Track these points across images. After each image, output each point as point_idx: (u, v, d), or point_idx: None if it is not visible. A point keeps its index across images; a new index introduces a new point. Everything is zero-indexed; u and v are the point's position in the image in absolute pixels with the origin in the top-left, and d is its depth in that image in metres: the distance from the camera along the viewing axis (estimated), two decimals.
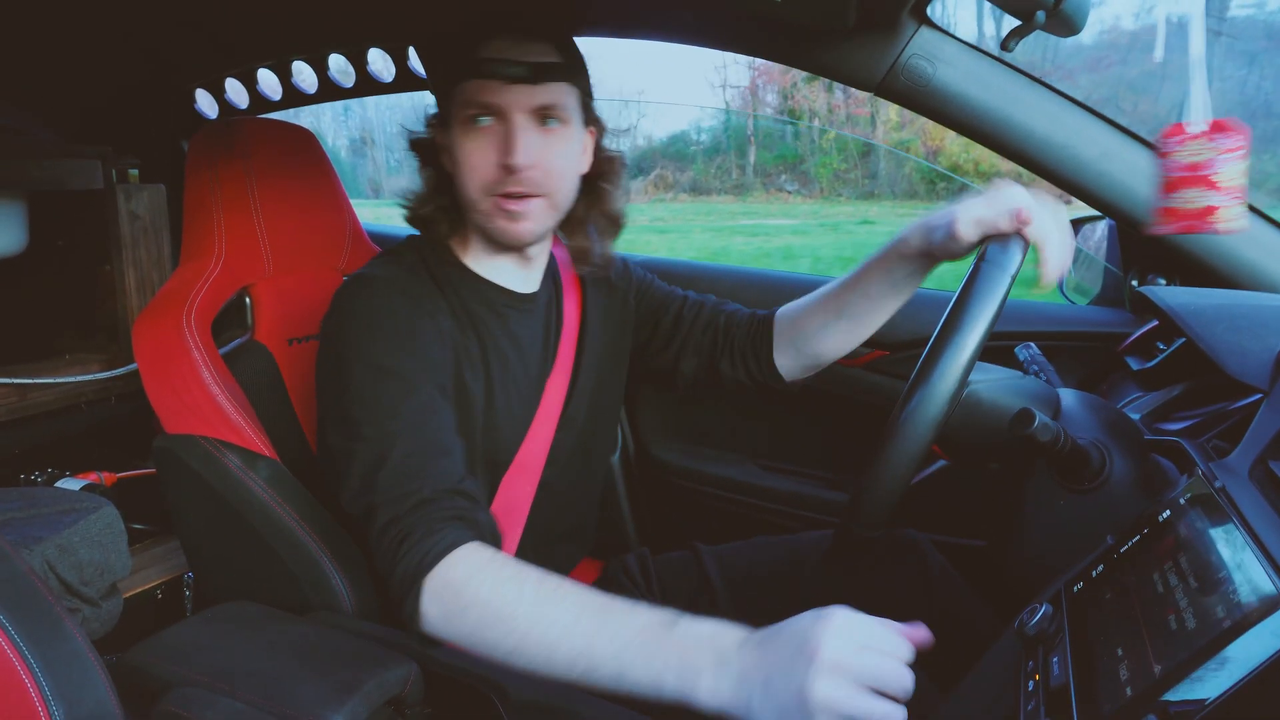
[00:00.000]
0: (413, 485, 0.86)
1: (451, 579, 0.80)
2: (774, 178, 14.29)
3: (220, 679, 0.83)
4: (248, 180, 1.19)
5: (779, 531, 1.38)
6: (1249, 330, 0.92)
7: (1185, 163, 0.88)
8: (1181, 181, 0.88)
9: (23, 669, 0.63)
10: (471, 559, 0.81)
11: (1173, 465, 0.85)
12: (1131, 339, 1.28)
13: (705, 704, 0.67)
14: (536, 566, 0.80)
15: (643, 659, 0.70)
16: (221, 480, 1.06)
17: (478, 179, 0.97)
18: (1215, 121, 0.87)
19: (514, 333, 1.06)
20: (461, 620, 0.79)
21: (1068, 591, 0.71)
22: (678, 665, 0.68)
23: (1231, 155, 0.87)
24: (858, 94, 14.75)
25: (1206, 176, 0.87)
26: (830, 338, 1.13)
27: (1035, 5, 0.92)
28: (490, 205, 0.98)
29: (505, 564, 0.81)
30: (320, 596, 1.02)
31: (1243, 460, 0.70)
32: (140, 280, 1.67)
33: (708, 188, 14.31)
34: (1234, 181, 0.87)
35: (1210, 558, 0.58)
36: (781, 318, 1.17)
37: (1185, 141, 0.88)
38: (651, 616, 0.73)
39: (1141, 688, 0.54)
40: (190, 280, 1.15)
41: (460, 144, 0.97)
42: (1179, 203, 0.89)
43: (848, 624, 0.65)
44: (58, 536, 1.14)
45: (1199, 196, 0.88)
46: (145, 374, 1.11)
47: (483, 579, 0.79)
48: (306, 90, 1.65)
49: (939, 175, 12.67)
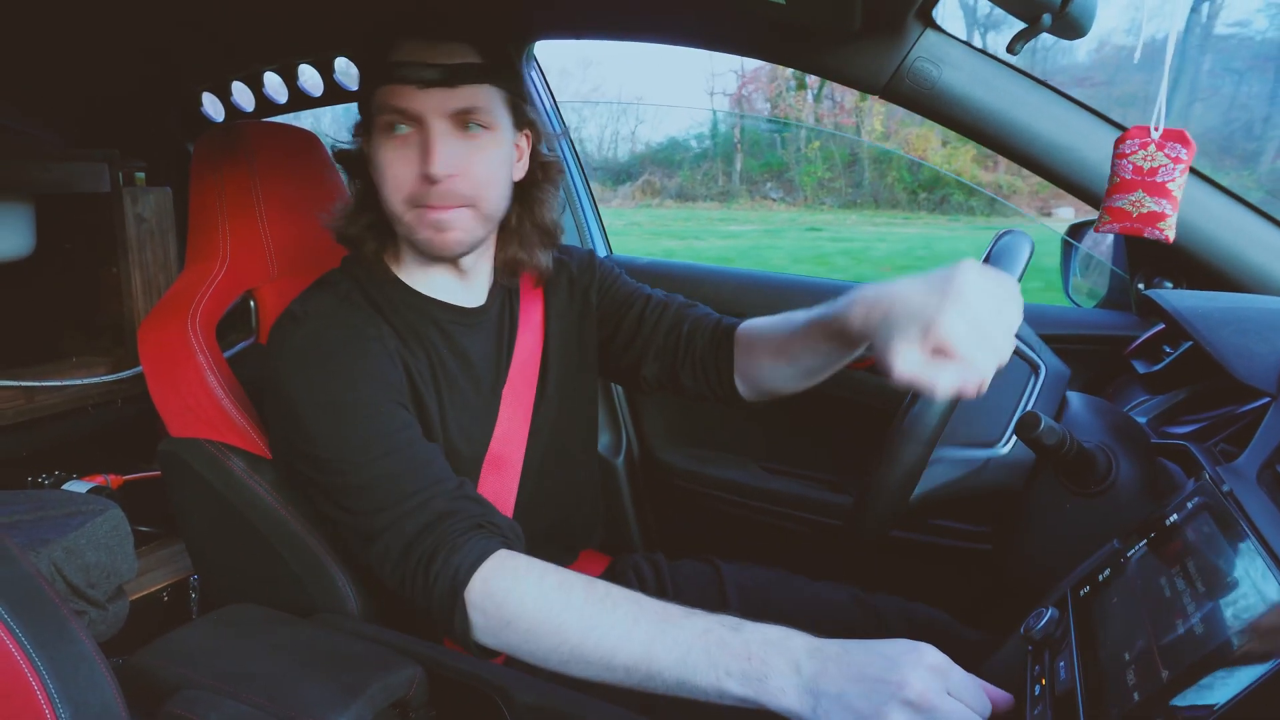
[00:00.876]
0: (414, 503, 0.84)
1: (492, 591, 0.79)
2: (760, 185, 14.34)
3: (226, 681, 0.83)
4: (252, 184, 1.19)
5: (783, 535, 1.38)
6: (1256, 333, 0.92)
7: (1140, 166, 0.89)
8: (1134, 184, 0.89)
9: (30, 671, 0.63)
10: (507, 567, 0.80)
11: (1179, 469, 0.85)
12: (1138, 342, 1.27)
13: (770, 706, 0.67)
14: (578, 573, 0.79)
15: (706, 662, 0.70)
16: (226, 483, 1.06)
17: (399, 191, 0.92)
18: (1172, 130, 0.88)
19: (462, 349, 1.03)
20: (509, 632, 0.78)
21: (1074, 595, 0.71)
22: (743, 667, 0.69)
23: (1180, 165, 0.88)
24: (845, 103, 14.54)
25: (1162, 184, 0.88)
26: (777, 379, 1.06)
27: (1041, 8, 0.92)
28: (414, 217, 0.93)
29: (546, 571, 0.79)
30: (325, 599, 1.02)
31: (1250, 464, 0.70)
32: (146, 283, 1.67)
33: (694, 194, 14.37)
34: (1179, 191, 0.88)
35: (1217, 562, 0.58)
36: (741, 337, 1.08)
37: (1145, 146, 0.88)
38: (712, 620, 0.72)
39: (1149, 692, 0.53)
40: (195, 283, 1.15)
41: (380, 154, 0.92)
42: (1127, 204, 0.89)
43: (940, 665, 0.66)
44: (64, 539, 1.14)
45: (1149, 201, 0.89)
46: (150, 377, 1.11)
47: (525, 589, 0.78)
48: (312, 93, 1.66)
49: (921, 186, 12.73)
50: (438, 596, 0.80)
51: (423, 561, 0.82)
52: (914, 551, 1.46)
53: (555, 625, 0.76)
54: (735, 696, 0.69)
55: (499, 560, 0.80)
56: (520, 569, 0.80)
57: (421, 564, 0.82)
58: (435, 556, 0.81)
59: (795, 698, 0.67)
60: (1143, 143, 0.89)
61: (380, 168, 0.92)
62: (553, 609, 0.76)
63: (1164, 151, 0.88)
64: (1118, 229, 0.91)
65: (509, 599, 0.78)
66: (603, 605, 0.76)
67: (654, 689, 0.73)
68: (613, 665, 0.73)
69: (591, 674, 0.75)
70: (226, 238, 1.17)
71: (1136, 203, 0.90)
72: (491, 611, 0.78)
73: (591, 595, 0.77)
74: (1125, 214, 0.90)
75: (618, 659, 0.73)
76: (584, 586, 0.77)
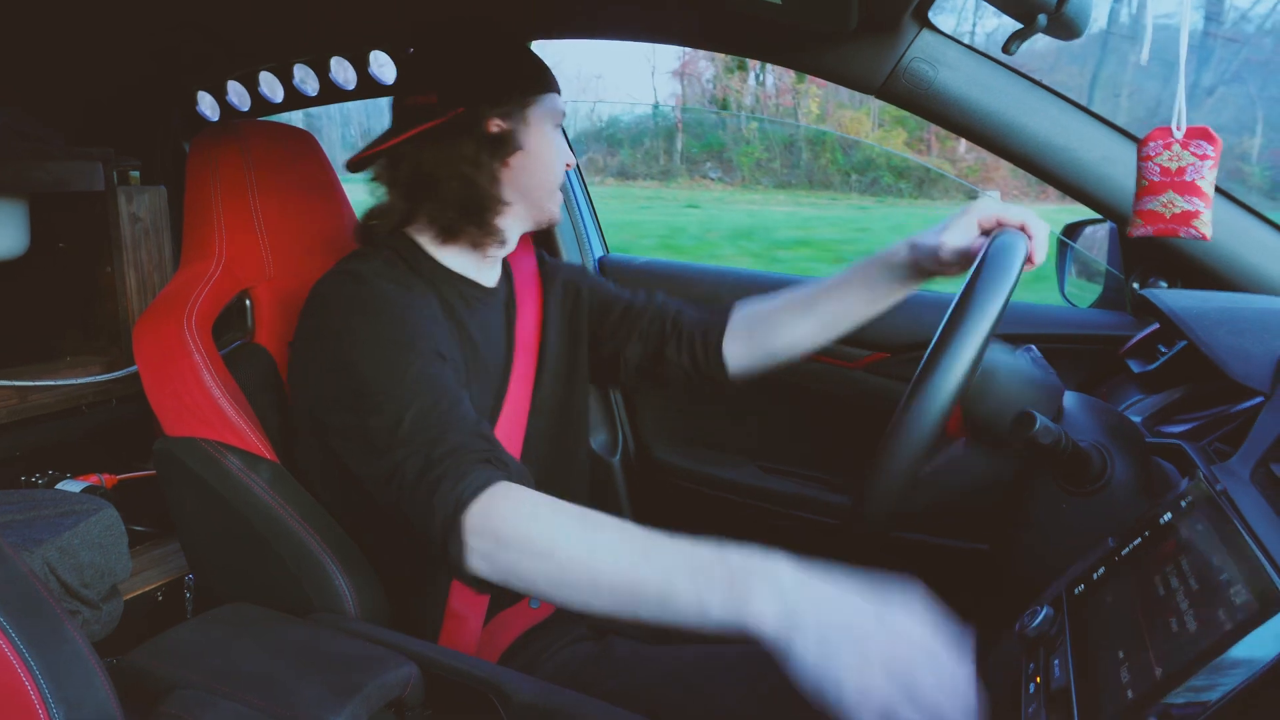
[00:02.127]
0: (435, 433, 0.87)
1: (490, 514, 0.81)
2: (699, 165, 14.44)
3: (221, 681, 0.83)
4: (248, 183, 1.19)
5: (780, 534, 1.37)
6: (1250, 333, 0.92)
7: (1167, 167, 0.89)
8: (1163, 186, 0.89)
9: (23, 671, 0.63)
10: (507, 496, 0.83)
11: (1174, 468, 0.85)
12: (1133, 342, 1.28)
13: (749, 628, 0.68)
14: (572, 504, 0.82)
15: (690, 582, 0.71)
16: (222, 482, 1.06)
17: (559, 173, 1.13)
18: (1195, 128, 0.88)
19: (483, 322, 1.11)
20: (503, 556, 0.80)
21: (1069, 594, 0.71)
22: (726, 589, 0.69)
23: (1208, 162, 0.87)
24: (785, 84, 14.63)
25: (1192, 182, 0.88)
26: (791, 332, 1.15)
27: (1037, 8, 0.92)
28: (558, 194, 1.15)
29: (541, 500, 0.82)
30: (322, 598, 1.02)
31: (1244, 463, 0.70)
32: (141, 282, 1.67)
33: (635, 172, 14.45)
34: (1210, 188, 0.88)
35: (1212, 560, 0.58)
36: (742, 306, 1.20)
37: (1169, 146, 0.88)
38: (698, 544, 0.74)
39: (1143, 690, 0.53)
40: (191, 282, 1.15)
41: (549, 146, 1.11)
42: (1159, 206, 0.89)
43: (930, 646, 0.65)
44: (58, 539, 1.14)
45: (1180, 201, 0.88)
46: (146, 376, 1.11)
47: (520, 514, 0.81)
48: (308, 93, 1.65)
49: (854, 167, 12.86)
50: (438, 521, 0.82)
51: (428, 488, 0.84)
52: (909, 550, 1.46)
53: (546, 545, 0.78)
54: (716, 620, 0.70)
55: (501, 489, 0.83)
56: (518, 495, 0.83)
57: (428, 491, 0.84)
58: (442, 482, 0.84)
59: (774, 624, 0.67)
60: (1166, 143, 0.89)
61: (553, 155, 1.12)
62: (544, 529, 0.79)
63: (1189, 150, 0.88)
64: (1152, 231, 0.91)
65: (505, 522, 0.81)
66: (592, 529, 0.78)
67: (637, 614, 0.74)
68: (598, 586, 0.75)
69: (578, 599, 0.76)
70: (222, 237, 1.17)
71: (1169, 204, 0.89)
72: (487, 534, 0.81)
73: (584, 519, 0.79)
74: (1159, 216, 0.90)
75: (603, 579, 0.75)
76: (577, 513, 0.80)
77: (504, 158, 1.08)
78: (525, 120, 1.09)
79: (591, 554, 0.76)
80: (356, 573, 1.04)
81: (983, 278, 0.82)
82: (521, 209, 1.13)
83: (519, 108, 1.09)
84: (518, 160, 1.09)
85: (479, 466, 0.85)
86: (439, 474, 0.84)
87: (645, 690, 0.97)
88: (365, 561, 1.06)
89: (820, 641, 0.65)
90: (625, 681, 0.99)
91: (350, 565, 1.04)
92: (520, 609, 1.12)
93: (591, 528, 0.78)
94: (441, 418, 0.89)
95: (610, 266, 1.79)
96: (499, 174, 1.09)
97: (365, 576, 1.05)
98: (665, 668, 1.01)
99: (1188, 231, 0.89)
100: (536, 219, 1.15)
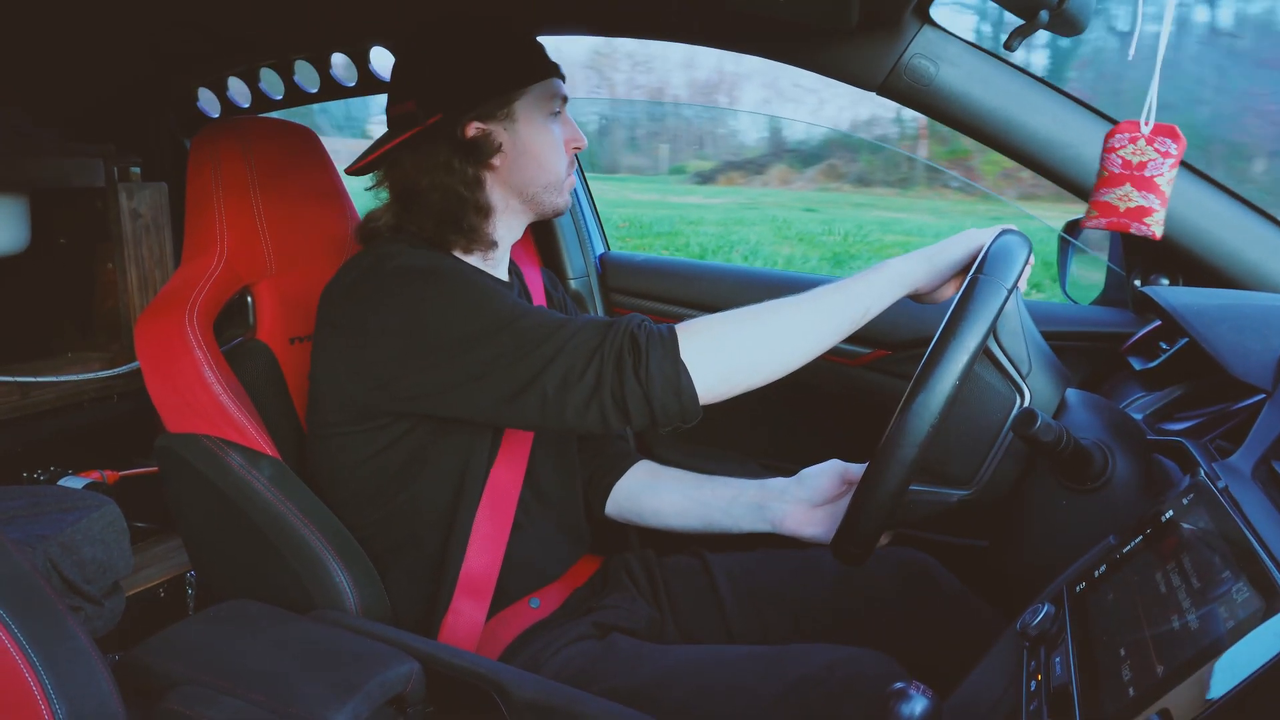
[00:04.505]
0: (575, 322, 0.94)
1: (695, 331, 0.93)
2: (941, 174, 14.20)
3: (223, 677, 0.83)
4: (249, 179, 1.19)
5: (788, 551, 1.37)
6: (1252, 330, 0.92)
7: (1129, 160, 0.88)
8: (1122, 179, 0.89)
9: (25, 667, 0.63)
10: (686, 325, 0.94)
11: (1175, 465, 0.85)
12: (1134, 339, 1.28)
13: (908, 282, 0.99)
14: None
15: (855, 296, 0.97)
16: (224, 479, 1.06)
17: (563, 160, 1.11)
18: (1162, 125, 0.87)
19: None
20: (724, 349, 0.93)
21: (1070, 591, 0.71)
22: (882, 280, 0.98)
23: (1169, 160, 0.87)
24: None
25: (1150, 178, 0.87)
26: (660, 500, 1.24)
27: (1038, 4, 0.92)
28: (563, 185, 1.12)
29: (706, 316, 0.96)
30: (323, 594, 1.02)
31: (1245, 460, 0.70)
32: (142, 278, 1.67)
33: (873, 179, 14.23)
34: (1168, 187, 0.87)
35: (1213, 558, 0.58)
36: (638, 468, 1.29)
37: (1135, 140, 0.88)
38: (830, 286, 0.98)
39: (1144, 688, 0.54)
40: (192, 279, 1.15)
41: (546, 133, 1.09)
42: (1115, 199, 0.89)
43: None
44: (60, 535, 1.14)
45: (1136, 196, 0.88)
46: (147, 372, 1.11)
47: (715, 319, 0.95)
48: (308, 89, 1.65)
49: None
50: (654, 369, 0.90)
51: (628, 343, 0.91)
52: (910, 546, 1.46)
53: (751, 326, 0.94)
54: (887, 281, 0.98)
55: (677, 325, 0.94)
56: (689, 323, 0.95)
57: (628, 345, 0.91)
58: (638, 335, 0.92)
59: (920, 264, 0.99)
60: (1132, 137, 0.88)
61: (551, 143, 1.10)
62: (742, 319, 0.95)
63: (1154, 146, 0.88)
64: (1105, 224, 0.91)
65: (710, 330, 0.93)
66: (771, 306, 0.95)
67: (837, 335, 0.96)
68: (805, 328, 0.95)
69: (797, 350, 0.95)
70: (223, 233, 1.17)
71: (1124, 197, 0.89)
72: (706, 345, 0.92)
73: (758, 307, 0.96)
74: (1113, 208, 0.90)
75: (803, 322, 0.95)
76: (751, 308, 0.96)
77: (484, 161, 1.07)
78: (511, 116, 1.07)
79: (783, 310, 0.94)
80: (357, 569, 1.04)
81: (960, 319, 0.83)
82: (517, 206, 1.12)
83: (501, 105, 1.06)
84: (505, 160, 1.08)
85: (646, 321, 0.93)
86: (624, 335, 0.91)
87: (647, 689, 0.97)
88: (366, 558, 1.06)
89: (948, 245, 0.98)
90: (627, 680, 0.99)
91: (351, 562, 1.04)
92: (521, 607, 1.12)
93: (771, 306, 0.95)
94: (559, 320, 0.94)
95: (611, 264, 1.79)
96: (482, 178, 1.08)
97: (366, 573, 1.05)
98: (667, 666, 1.01)
99: (1139, 228, 0.88)
100: (539, 212, 1.14)
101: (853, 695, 0.89)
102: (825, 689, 0.91)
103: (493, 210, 1.10)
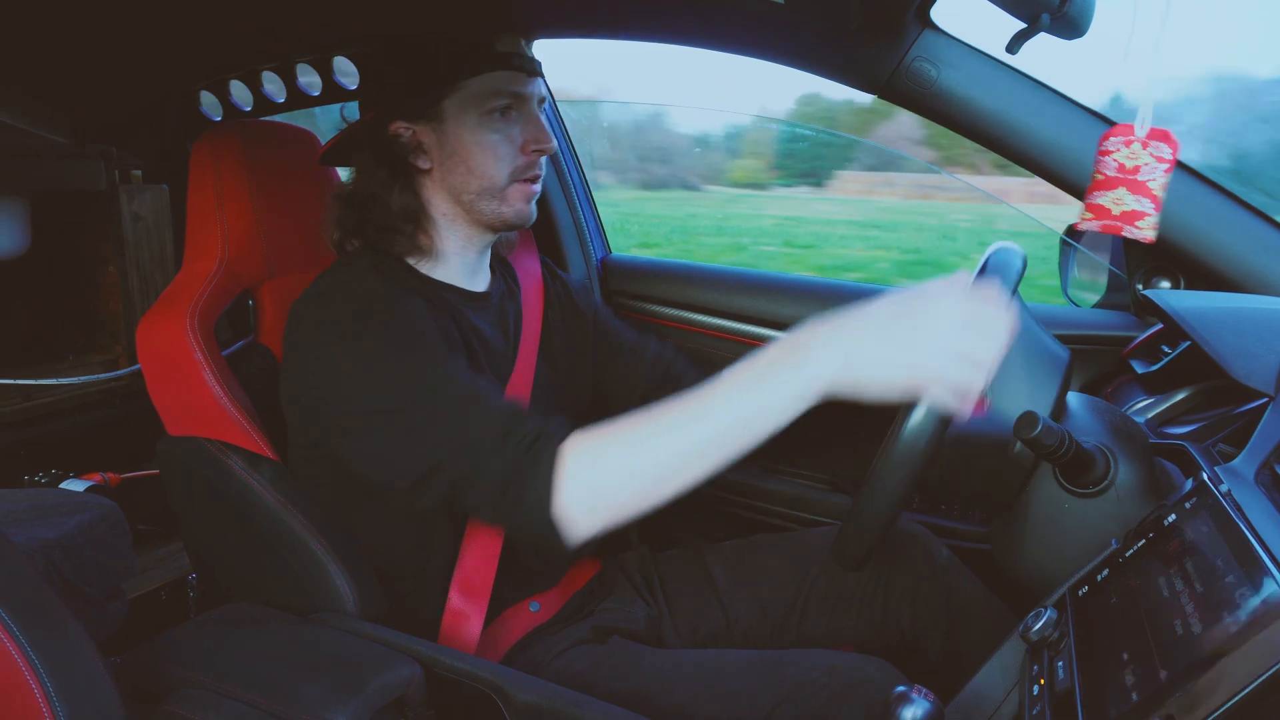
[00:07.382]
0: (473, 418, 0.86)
1: (580, 445, 0.83)
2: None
3: (224, 680, 0.83)
4: (250, 182, 1.19)
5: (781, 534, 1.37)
6: (1254, 334, 0.92)
7: (1123, 164, 0.88)
8: (1116, 182, 0.89)
9: (27, 670, 0.63)
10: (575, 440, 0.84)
11: (1178, 469, 0.85)
12: (1136, 342, 1.28)
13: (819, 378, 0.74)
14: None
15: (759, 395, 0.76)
16: (225, 482, 1.06)
17: (507, 164, 1.01)
18: (1157, 130, 0.87)
19: (476, 327, 1.07)
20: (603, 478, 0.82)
21: (1073, 596, 0.71)
22: (789, 368, 0.75)
23: (1164, 165, 0.87)
24: None
25: (1144, 183, 0.87)
26: None
27: (1040, 7, 0.92)
28: (515, 191, 1.02)
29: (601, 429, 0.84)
30: (324, 598, 1.02)
31: (1248, 464, 0.70)
32: (143, 281, 1.67)
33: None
34: (1161, 192, 0.88)
35: (1216, 562, 0.58)
36: None
37: (1130, 143, 0.88)
38: (739, 369, 0.78)
39: (1147, 693, 0.53)
40: (193, 282, 1.15)
41: (481, 134, 0.99)
42: (1109, 202, 0.89)
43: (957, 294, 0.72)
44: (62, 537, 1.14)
45: (1130, 199, 0.88)
46: (149, 376, 1.11)
47: (604, 432, 0.83)
48: (310, 92, 1.65)
49: None
50: (541, 471, 0.82)
51: (524, 442, 0.83)
52: None
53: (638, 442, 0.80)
54: (793, 395, 0.75)
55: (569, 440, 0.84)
56: (582, 437, 0.84)
57: (524, 444, 0.83)
58: (537, 439, 0.83)
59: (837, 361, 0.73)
60: (1127, 140, 0.88)
61: (485, 146, 0.99)
62: (630, 429, 0.81)
63: (1148, 150, 0.88)
64: (1098, 226, 0.91)
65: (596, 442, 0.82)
66: (665, 410, 0.80)
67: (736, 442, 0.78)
68: (694, 440, 0.78)
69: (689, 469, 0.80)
70: (225, 236, 1.17)
71: (1118, 200, 0.89)
72: (586, 460, 0.82)
73: (652, 415, 0.81)
74: (1106, 211, 0.90)
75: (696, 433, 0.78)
76: (640, 415, 0.82)
77: (408, 163, 1.01)
78: (440, 116, 0.99)
79: (677, 431, 0.79)
80: (358, 572, 1.04)
81: None
82: (461, 214, 1.04)
83: (431, 103, 0.99)
84: (435, 163, 1.01)
85: (551, 429, 0.85)
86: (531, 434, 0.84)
87: (648, 693, 0.97)
88: (366, 561, 1.06)
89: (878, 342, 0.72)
90: (628, 684, 0.99)
91: (352, 565, 1.04)
92: (521, 610, 1.12)
93: (664, 411, 0.80)
94: (496, 401, 0.88)
95: (613, 267, 1.79)
96: (414, 183, 1.03)
97: (366, 576, 1.05)
98: (668, 670, 1.01)
99: (1131, 231, 0.88)
100: (483, 223, 1.04)
101: (853, 700, 0.89)
102: (826, 693, 0.91)
103: (430, 219, 1.05)
